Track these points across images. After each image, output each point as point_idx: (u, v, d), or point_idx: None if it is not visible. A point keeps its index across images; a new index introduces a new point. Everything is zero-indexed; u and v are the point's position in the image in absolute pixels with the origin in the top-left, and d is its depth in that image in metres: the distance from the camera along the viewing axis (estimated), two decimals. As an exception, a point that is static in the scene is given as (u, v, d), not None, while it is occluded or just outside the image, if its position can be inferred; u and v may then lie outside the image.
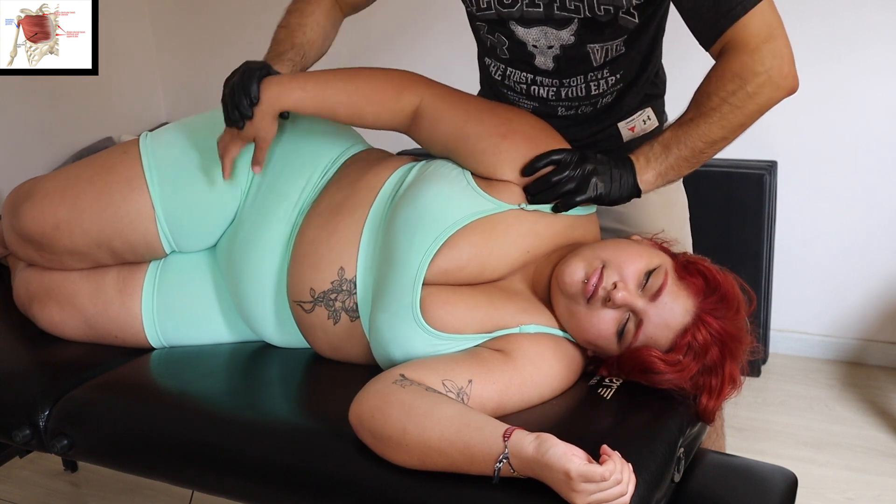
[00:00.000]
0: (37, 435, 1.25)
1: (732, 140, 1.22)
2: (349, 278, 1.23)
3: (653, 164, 1.22)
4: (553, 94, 1.36)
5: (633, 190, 1.22)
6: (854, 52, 2.41)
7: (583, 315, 1.13)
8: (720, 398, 1.12)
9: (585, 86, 1.34)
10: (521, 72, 1.37)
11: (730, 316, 1.11)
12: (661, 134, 1.24)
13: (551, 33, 1.26)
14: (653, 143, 1.23)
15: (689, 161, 1.22)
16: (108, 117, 3.11)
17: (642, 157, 1.22)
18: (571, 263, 1.14)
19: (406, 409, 0.99)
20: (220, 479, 1.14)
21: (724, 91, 1.17)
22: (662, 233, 1.27)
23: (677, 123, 1.23)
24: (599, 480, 0.87)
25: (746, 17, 1.15)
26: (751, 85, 1.16)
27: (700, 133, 1.19)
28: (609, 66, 1.32)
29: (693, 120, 1.20)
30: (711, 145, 1.20)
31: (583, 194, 1.19)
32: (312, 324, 1.27)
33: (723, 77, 1.17)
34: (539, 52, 1.30)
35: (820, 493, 1.98)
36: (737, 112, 1.17)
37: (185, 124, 1.41)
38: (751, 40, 1.15)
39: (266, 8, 3.04)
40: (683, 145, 1.20)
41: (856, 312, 2.63)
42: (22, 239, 1.39)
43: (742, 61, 1.16)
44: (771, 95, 1.18)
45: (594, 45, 1.27)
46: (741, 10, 1.14)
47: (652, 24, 1.31)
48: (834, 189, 2.54)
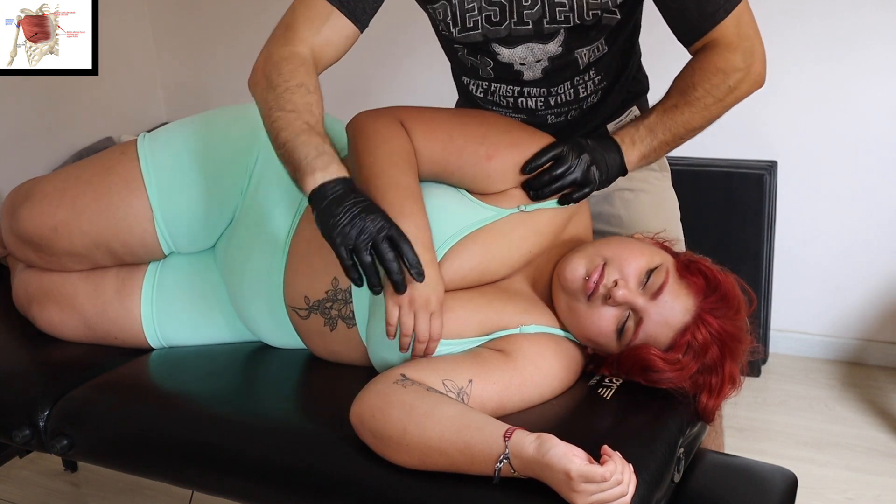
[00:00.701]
0: (37, 435, 1.25)
1: (705, 128, 1.30)
2: (343, 288, 1.23)
3: (638, 146, 1.26)
4: (542, 104, 1.36)
5: (621, 170, 1.26)
6: (854, 53, 2.41)
7: (583, 312, 1.14)
8: (720, 397, 1.12)
9: (573, 90, 1.35)
10: (507, 86, 1.35)
11: (730, 316, 1.12)
12: (644, 117, 1.28)
13: (538, 48, 1.26)
14: (638, 125, 1.27)
15: (670, 145, 1.28)
16: (108, 117, 3.11)
17: (627, 138, 1.27)
18: (573, 260, 1.15)
19: (407, 409, 0.99)
20: (220, 479, 1.14)
21: (708, 83, 1.23)
22: (664, 232, 1.28)
23: (661, 108, 1.27)
24: (600, 481, 0.87)
25: (728, 18, 1.20)
26: (732, 79, 1.23)
27: (683, 120, 1.25)
28: (594, 67, 1.33)
29: (677, 107, 1.25)
30: (690, 132, 1.27)
31: (589, 185, 1.22)
32: (309, 329, 1.27)
33: (706, 70, 1.23)
34: (527, 68, 1.30)
35: (820, 493, 1.98)
36: (718, 104, 1.25)
37: (183, 125, 1.40)
38: (731, 39, 1.22)
39: (265, 8, 3.04)
40: (668, 130, 1.26)
41: (856, 312, 2.63)
42: (20, 240, 1.39)
43: (725, 58, 1.22)
44: (747, 90, 1.26)
45: (581, 49, 1.28)
46: (723, 14, 1.20)
47: (631, 20, 1.33)
48: (834, 189, 2.54)
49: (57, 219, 1.34)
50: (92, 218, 1.33)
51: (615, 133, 1.27)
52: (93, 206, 1.33)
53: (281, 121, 1.11)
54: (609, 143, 1.26)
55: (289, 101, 1.12)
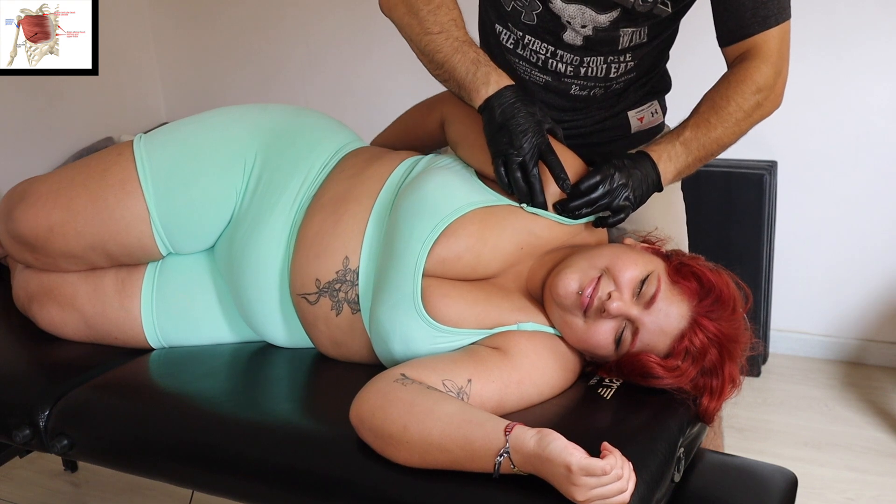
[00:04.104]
0: (37, 435, 1.25)
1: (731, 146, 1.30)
2: (353, 268, 1.23)
3: (674, 162, 1.25)
4: (571, 71, 1.34)
5: (656, 187, 1.25)
6: (854, 52, 2.41)
7: (579, 326, 1.14)
8: (721, 399, 1.12)
9: (606, 67, 1.34)
10: (542, 42, 1.33)
11: (726, 316, 1.11)
12: (679, 133, 1.27)
13: (589, 14, 1.25)
14: (674, 141, 1.26)
15: (701, 161, 1.28)
16: (108, 117, 3.11)
17: (665, 154, 1.25)
18: (565, 275, 1.14)
19: (407, 407, 0.99)
20: (220, 479, 1.14)
21: (740, 97, 1.24)
22: (656, 230, 1.27)
23: (694, 123, 1.26)
24: (600, 474, 0.88)
25: (775, 29, 1.22)
26: (761, 95, 1.25)
27: (716, 136, 1.26)
28: (631, 52, 1.32)
29: (710, 122, 1.25)
30: (721, 148, 1.28)
31: (623, 212, 1.21)
32: (316, 316, 1.27)
33: (740, 81, 1.24)
34: (571, 28, 1.28)
35: (820, 493, 1.98)
36: (748, 120, 1.26)
37: (180, 126, 1.40)
38: (770, 53, 1.24)
39: (266, 9, 3.04)
40: (701, 146, 1.26)
41: (856, 312, 2.63)
42: (16, 241, 1.39)
43: (760, 70, 1.24)
44: (769, 110, 1.29)
45: (626, 29, 1.27)
46: (773, 22, 1.22)
47: (677, 20, 1.33)
48: (834, 189, 2.54)
49: (52, 220, 1.34)
50: (88, 219, 1.33)
51: (651, 149, 1.26)
52: (88, 207, 1.33)
53: (432, 44, 1.22)
54: (643, 159, 1.24)
55: (434, 22, 1.22)
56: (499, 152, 1.18)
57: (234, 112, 1.42)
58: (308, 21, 3.00)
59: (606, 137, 1.43)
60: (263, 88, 3.17)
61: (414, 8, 1.24)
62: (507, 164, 1.17)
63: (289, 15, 3.02)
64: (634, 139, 1.45)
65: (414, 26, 1.24)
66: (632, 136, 1.45)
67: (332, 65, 3.03)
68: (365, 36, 2.93)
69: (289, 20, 3.02)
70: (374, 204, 1.25)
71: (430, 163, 1.29)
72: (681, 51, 1.47)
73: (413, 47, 1.28)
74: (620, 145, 1.44)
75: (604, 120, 1.42)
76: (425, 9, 1.23)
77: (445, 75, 1.24)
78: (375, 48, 2.91)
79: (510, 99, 1.18)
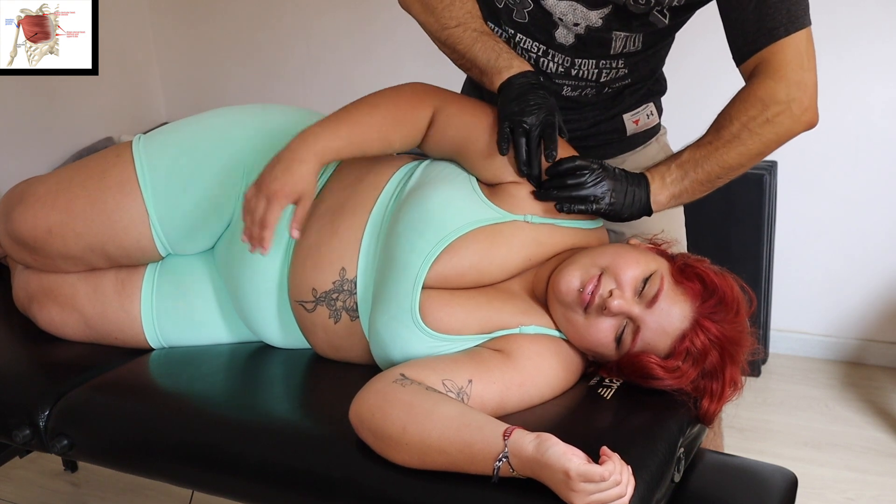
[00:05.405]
0: (37, 435, 1.25)
1: (749, 168, 1.23)
2: (350, 278, 1.23)
3: (668, 187, 1.22)
4: (562, 71, 1.34)
5: (645, 209, 1.23)
6: (854, 52, 2.41)
7: (580, 323, 1.13)
8: (721, 401, 1.12)
9: (597, 71, 1.33)
10: (534, 41, 1.32)
11: (729, 319, 1.11)
12: (678, 155, 1.24)
13: (580, 11, 1.24)
14: (670, 164, 1.23)
15: (704, 185, 1.23)
16: (108, 117, 3.11)
17: (658, 177, 1.22)
18: (567, 272, 1.14)
19: (406, 408, 0.99)
20: (220, 479, 1.14)
21: (745, 116, 1.19)
22: (662, 233, 1.27)
23: (696, 145, 1.23)
24: (599, 480, 0.87)
25: (785, 40, 1.16)
26: (770, 111, 1.18)
27: (718, 158, 1.20)
28: (624, 58, 1.31)
29: (712, 143, 1.21)
30: (728, 171, 1.22)
31: (591, 204, 1.19)
32: (314, 323, 1.27)
33: (746, 100, 1.19)
34: (563, 26, 1.27)
35: (820, 493, 1.98)
36: (755, 139, 1.19)
37: (180, 127, 1.40)
38: (782, 66, 1.17)
39: (266, 8, 3.04)
40: (700, 169, 1.21)
41: (856, 312, 2.63)
42: (15, 242, 1.38)
43: (768, 86, 1.18)
44: (790, 127, 1.21)
45: (619, 33, 1.26)
46: (783, 32, 1.16)
47: (675, 31, 1.31)
48: (834, 189, 2.54)
49: (51, 222, 1.33)
50: (86, 221, 1.32)
51: (648, 170, 1.24)
52: (87, 209, 1.33)
53: (452, 37, 1.28)
54: (640, 179, 1.22)
55: (451, 17, 1.28)
56: (507, 117, 1.20)
57: (233, 113, 1.41)
58: (308, 21, 3.00)
59: (602, 140, 1.43)
60: (263, 88, 3.17)
61: (429, 6, 1.29)
62: (514, 129, 1.19)
63: (289, 14, 3.02)
64: (630, 142, 1.45)
65: (431, 23, 1.30)
66: (627, 138, 1.44)
67: (332, 64, 3.03)
68: (365, 36, 2.93)
69: (289, 19, 3.02)
70: (369, 214, 1.25)
71: (428, 172, 1.27)
72: (677, 53, 1.47)
73: (433, 39, 1.33)
74: (616, 148, 1.44)
75: (598, 123, 1.41)
76: (440, 6, 1.28)
77: (468, 64, 1.29)
78: (375, 48, 2.91)
79: (531, 79, 1.22)
